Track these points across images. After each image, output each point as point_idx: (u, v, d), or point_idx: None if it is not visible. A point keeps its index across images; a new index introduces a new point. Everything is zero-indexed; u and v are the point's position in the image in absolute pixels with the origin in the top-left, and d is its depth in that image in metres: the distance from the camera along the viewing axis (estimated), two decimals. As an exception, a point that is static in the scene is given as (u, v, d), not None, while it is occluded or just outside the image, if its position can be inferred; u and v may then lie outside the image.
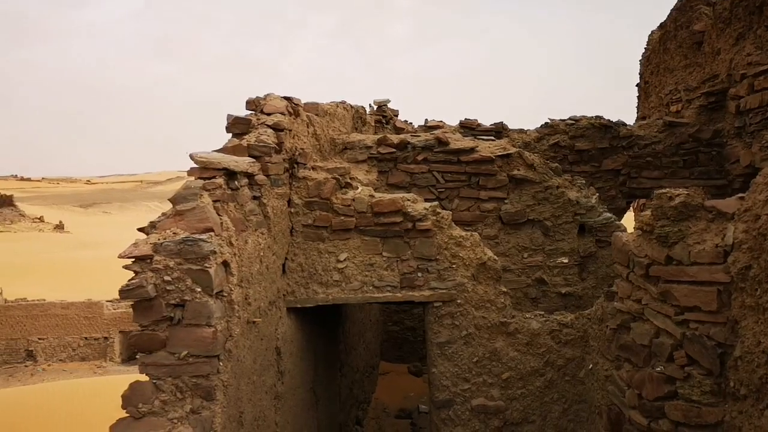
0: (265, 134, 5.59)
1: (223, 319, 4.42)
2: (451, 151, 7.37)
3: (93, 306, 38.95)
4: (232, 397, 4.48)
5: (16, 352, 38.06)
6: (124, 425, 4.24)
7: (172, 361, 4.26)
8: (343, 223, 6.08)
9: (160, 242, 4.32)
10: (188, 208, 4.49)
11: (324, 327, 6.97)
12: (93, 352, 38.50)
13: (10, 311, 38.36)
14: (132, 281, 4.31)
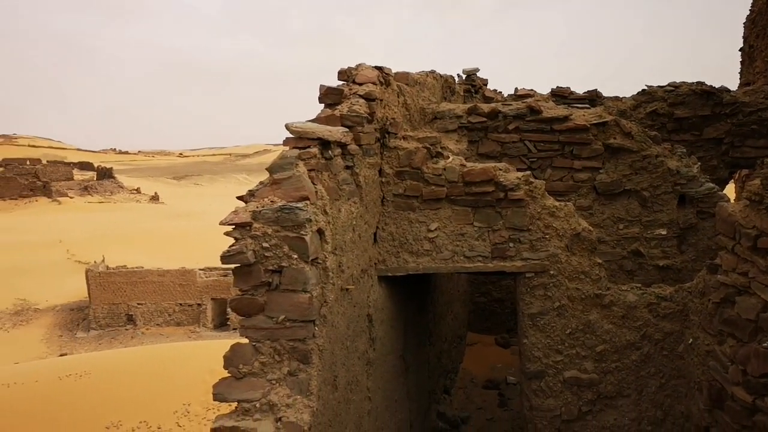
0: (357, 104, 5.61)
1: (318, 286, 4.52)
2: (544, 119, 7.20)
3: (187, 274, 40.71)
4: (327, 361, 4.59)
5: (117, 316, 40.34)
6: (226, 384, 4.42)
7: (270, 324, 4.39)
8: (434, 193, 6.06)
9: (259, 210, 4.44)
10: (285, 177, 4.59)
11: (413, 296, 7.01)
12: (187, 317, 40.34)
13: (111, 278, 40.62)
14: (233, 247, 4.46)
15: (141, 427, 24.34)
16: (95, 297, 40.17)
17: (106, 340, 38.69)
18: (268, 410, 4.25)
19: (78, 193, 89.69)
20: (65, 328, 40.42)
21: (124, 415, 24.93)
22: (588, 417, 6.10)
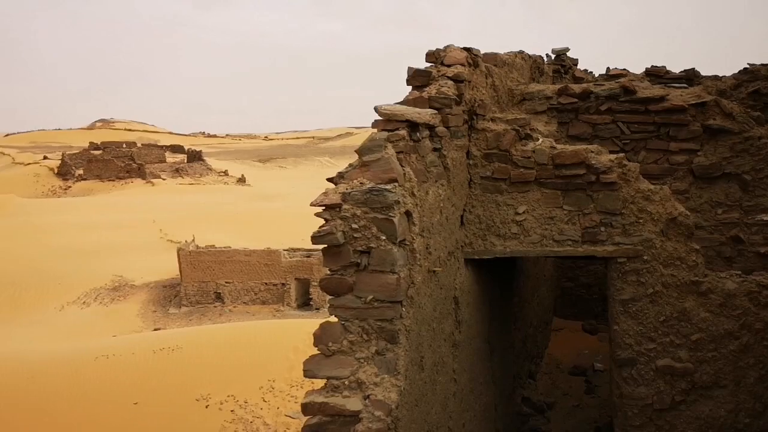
0: (446, 86, 5.58)
1: (406, 267, 4.55)
2: (638, 100, 6.95)
3: (272, 254, 41.82)
4: (413, 341, 4.62)
5: (206, 293, 41.92)
6: (316, 361, 4.53)
7: (358, 304, 4.46)
8: (523, 175, 5.97)
9: (348, 192, 4.50)
10: (374, 159, 4.63)
11: (499, 280, 6.96)
12: (272, 296, 41.49)
13: (201, 257, 42.20)
14: (323, 228, 4.54)
15: (228, 401, 25.33)
16: (186, 275, 41.85)
17: (196, 316, 40.30)
18: (356, 388, 4.33)
19: (170, 175, 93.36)
20: (158, 304, 42.32)
21: (212, 389, 26.00)
22: (681, 407, 5.91)
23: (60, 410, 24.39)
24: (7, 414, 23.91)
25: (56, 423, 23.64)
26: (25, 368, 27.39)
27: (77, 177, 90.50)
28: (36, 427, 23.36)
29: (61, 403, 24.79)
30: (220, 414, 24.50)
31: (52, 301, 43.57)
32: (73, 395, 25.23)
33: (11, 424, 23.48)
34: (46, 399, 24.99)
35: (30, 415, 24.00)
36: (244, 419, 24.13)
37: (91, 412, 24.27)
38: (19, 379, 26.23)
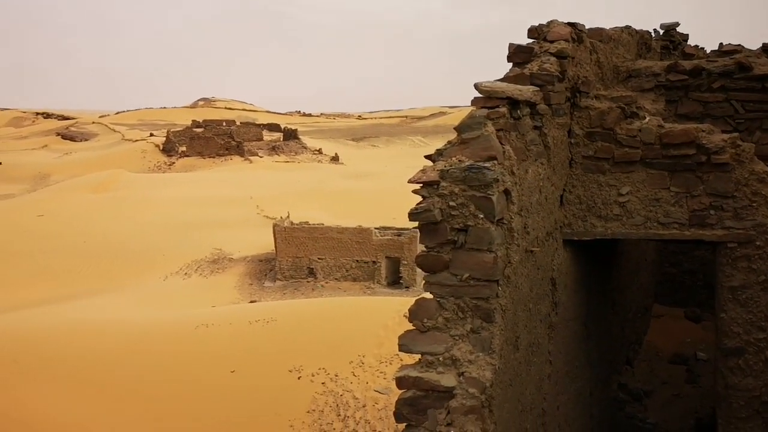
0: (548, 62, 5.45)
1: (503, 246, 4.51)
2: (755, 77, 6.55)
3: (363, 232, 42.39)
4: (509, 321, 4.59)
5: (300, 269, 43.03)
6: (411, 336, 4.57)
7: (454, 282, 4.46)
8: (627, 155, 5.77)
9: (447, 169, 4.49)
10: (473, 137, 4.59)
11: (598, 262, 6.78)
12: (363, 273, 42.13)
13: (295, 233, 43.31)
14: (420, 205, 4.56)
15: (320, 374, 26.01)
16: (281, 250, 43.08)
17: (289, 290, 41.45)
18: (451, 364, 4.35)
19: (267, 153, 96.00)
20: (254, 278, 43.80)
21: (304, 361, 26.75)
22: (791, 401, 5.61)
23: (163, 374, 25.77)
24: (115, 374, 25.50)
25: (160, 385, 25.01)
26: (132, 333, 29.07)
27: (180, 154, 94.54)
28: (141, 388, 24.80)
29: (165, 367, 26.18)
30: (312, 386, 25.20)
31: (156, 271, 45.90)
32: (175, 360, 26.59)
33: (119, 384, 25.01)
34: (151, 362, 26.45)
35: (136, 377, 25.51)
36: (334, 392, 24.73)
37: (192, 377, 25.51)
38: (127, 343, 27.88)
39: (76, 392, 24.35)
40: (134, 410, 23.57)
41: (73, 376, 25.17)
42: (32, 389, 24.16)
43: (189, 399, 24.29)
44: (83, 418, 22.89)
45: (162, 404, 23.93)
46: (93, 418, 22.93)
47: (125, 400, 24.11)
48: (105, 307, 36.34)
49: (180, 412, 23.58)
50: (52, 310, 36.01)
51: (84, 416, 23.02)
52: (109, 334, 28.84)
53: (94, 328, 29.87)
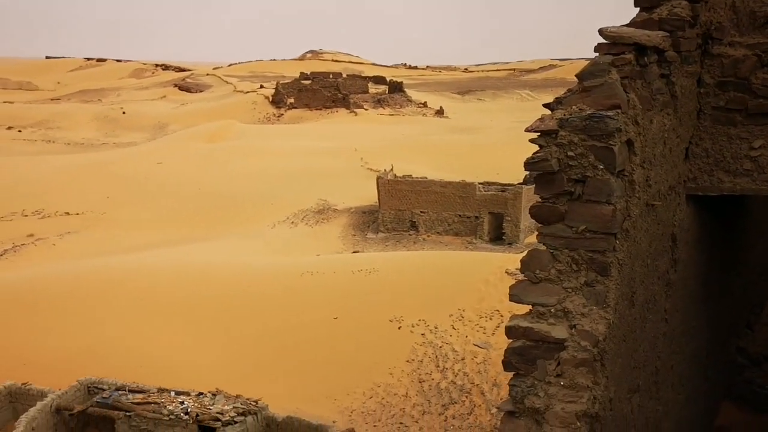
0: (679, 6, 5.13)
1: (623, 199, 4.37)
2: None
3: (467, 187, 42.12)
4: (625, 276, 4.47)
5: (402, 221, 43.43)
6: (522, 287, 4.54)
7: (569, 234, 4.37)
8: (762, 107, 5.38)
9: (566, 118, 4.36)
10: (595, 85, 4.43)
11: (722, 220, 6.45)
12: (465, 228, 42.01)
13: (399, 186, 43.61)
14: (537, 154, 4.47)
15: (419, 325, 26.40)
16: (384, 202, 43.56)
17: (391, 242, 42.00)
18: (562, 316, 4.30)
19: (372, 106, 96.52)
20: (358, 229, 44.65)
21: (405, 312, 27.20)
22: None
23: (270, 317, 26.96)
24: (225, 316, 26.89)
25: (267, 327, 26.20)
26: (242, 278, 30.48)
27: (288, 105, 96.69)
28: (249, 330, 26.07)
29: (271, 310, 27.36)
30: (411, 336, 25.65)
31: (264, 218, 47.63)
32: (281, 305, 27.72)
33: (229, 325, 26.37)
34: (259, 306, 27.70)
35: (245, 319, 26.82)
36: (433, 343, 25.07)
37: (297, 321, 26.56)
38: (237, 287, 29.29)
39: (191, 331, 25.91)
40: (242, 351, 24.85)
41: (187, 316, 26.77)
42: (152, 326, 25.91)
43: (293, 342, 25.34)
44: (197, 356, 24.36)
45: (268, 346, 25.09)
46: (205, 356, 24.36)
47: (235, 341, 25.43)
48: (216, 252, 38.18)
49: (285, 354, 24.67)
50: (168, 252, 38.23)
51: (198, 354, 24.49)
52: (220, 278, 30.34)
53: (206, 271, 31.49)
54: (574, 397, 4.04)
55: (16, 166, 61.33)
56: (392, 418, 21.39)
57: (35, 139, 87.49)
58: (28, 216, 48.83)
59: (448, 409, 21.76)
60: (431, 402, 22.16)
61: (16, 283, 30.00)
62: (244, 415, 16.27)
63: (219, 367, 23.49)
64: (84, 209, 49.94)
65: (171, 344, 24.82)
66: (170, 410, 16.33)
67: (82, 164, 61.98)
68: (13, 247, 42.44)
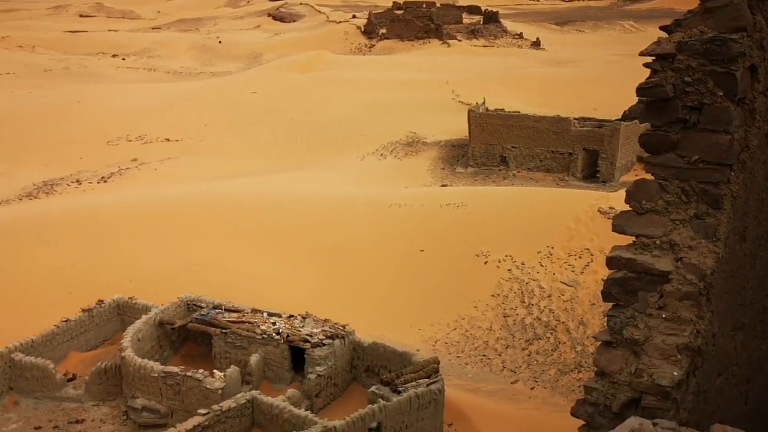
0: None
1: (742, 128, 4.13)
2: None
3: (562, 122, 40.83)
4: (738, 209, 4.26)
5: (492, 156, 42.78)
6: (626, 218, 4.42)
7: (680, 164, 4.19)
8: None
9: (685, 41, 4.11)
10: (719, 5, 4.13)
11: None
12: (557, 165, 40.97)
13: (490, 119, 42.78)
14: (651, 80, 4.26)
15: (506, 260, 26.30)
16: (474, 136, 42.95)
17: (480, 177, 41.58)
18: (668, 249, 4.17)
19: (465, 37, 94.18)
20: (446, 162, 44.38)
21: (491, 247, 27.13)
22: None
23: (358, 246, 27.51)
24: (315, 243, 27.63)
25: (354, 256, 26.78)
26: (332, 207, 31.09)
27: (380, 36, 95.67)
28: (338, 258, 26.73)
29: (359, 240, 27.89)
30: (497, 271, 25.63)
31: (354, 150, 48.01)
32: (370, 235, 28.19)
33: (317, 251, 27.09)
34: (347, 235, 28.28)
35: (333, 247, 27.48)
36: (519, 279, 24.98)
37: (384, 252, 27.00)
38: (327, 216, 29.94)
39: (283, 257, 26.82)
40: (331, 279, 25.56)
41: (279, 243, 27.68)
42: (247, 250, 26.98)
43: (380, 272, 25.84)
44: (289, 281, 25.26)
45: (355, 275, 25.70)
46: (296, 281, 25.23)
47: (324, 268, 26.17)
48: (306, 182, 38.95)
49: (371, 283, 25.24)
50: (261, 180, 39.32)
51: (289, 279, 25.39)
52: (310, 207, 31.05)
53: (297, 200, 32.27)
54: (676, 330, 3.96)
55: (121, 93, 63.99)
56: (475, 350, 21.69)
57: (137, 67, 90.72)
58: (132, 141, 51.17)
59: (531, 345, 21.83)
60: (515, 336, 22.27)
61: (123, 205, 31.77)
62: (332, 338, 16.85)
63: (309, 292, 24.32)
64: (183, 136, 51.82)
65: (264, 268, 25.83)
66: (263, 330, 17.10)
67: (181, 93, 63.97)
68: (119, 171, 44.76)
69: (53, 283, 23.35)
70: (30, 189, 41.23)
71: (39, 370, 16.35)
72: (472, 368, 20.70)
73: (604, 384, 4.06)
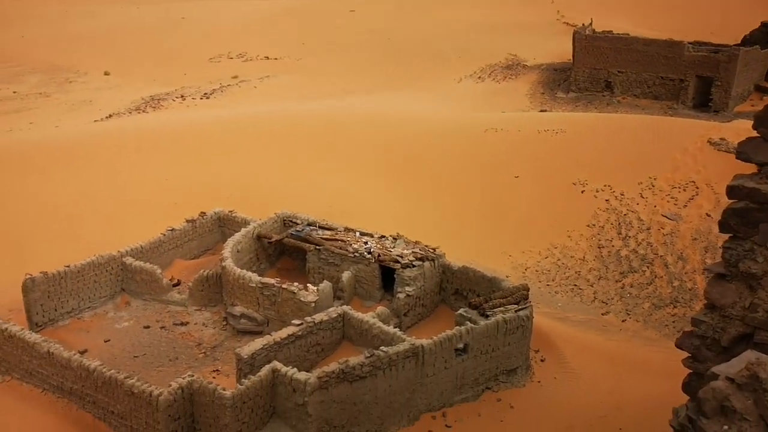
0: None
1: None
2: None
3: (674, 46, 38.32)
4: None
5: (596, 81, 40.90)
6: (753, 145, 4.10)
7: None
8: None
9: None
10: None
11: None
12: (666, 92, 38.76)
13: (596, 42, 40.67)
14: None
15: (605, 190, 25.43)
16: (578, 60, 41.07)
17: (582, 103, 39.97)
18: (797, 179, 3.85)
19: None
20: (547, 87, 42.83)
21: (589, 176, 26.24)
22: None
23: (451, 170, 27.24)
24: (409, 165, 27.57)
25: (447, 180, 26.59)
26: (427, 130, 30.78)
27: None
28: (431, 180, 26.62)
29: (453, 165, 27.59)
30: (595, 201, 24.86)
31: (451, 72, 47.06)
32: (465, 160, 27.83)
33: (411, 173, 27.06)
34: (441, 158, 28.03)
35: (428, 170, 27.36)
36: (617, 210, 24.17)
37: (478, 176, 26.63)
38: (421, 139, 29.70)
39: (377, 178, 26.98)
40: (423, 201, 25.54)
41: (373, 163, 27.80)
42: (342, 169, 27.30)
43: (472, 197, 25.57)
44: (382, 202, 25.48)
45: (448, 198, 25.55)
46: (389, 203, 25.41)
47: (417, 191, 26.15)
48: (402, 103, 38.68)
49: (463, 207, 25.04)
50: (357, 101, 39.35)
51: (382, 199, 25.59)
52: (405, 129, 30.87)
53: (392, 122, 32.14)
54: (799, 267, 3.69)
55: (224, 10, 64.83)
56: (566, 280, 21.38)
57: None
58: (233, 59, 52.13)
59: (626, 277, 21.30)
60: (609, 268, 21.76)
61: (224, 121, 32.68)
62: (422, 260, 16.99)
63: (401, 214, 24.49)
64: (282, 55, 52.27)
65: (358, 188, 26.13)
66: (355, 249, 17.44)
67: (280, 11, 64.13)
68: (220, 87, 45.86)
69: (160, 194, 24.57)
70: (138, 103, 43.03)
71: (147, 274, 17.42)
72: (561, 297, 20.49)
73: (713, 317, 3.87)
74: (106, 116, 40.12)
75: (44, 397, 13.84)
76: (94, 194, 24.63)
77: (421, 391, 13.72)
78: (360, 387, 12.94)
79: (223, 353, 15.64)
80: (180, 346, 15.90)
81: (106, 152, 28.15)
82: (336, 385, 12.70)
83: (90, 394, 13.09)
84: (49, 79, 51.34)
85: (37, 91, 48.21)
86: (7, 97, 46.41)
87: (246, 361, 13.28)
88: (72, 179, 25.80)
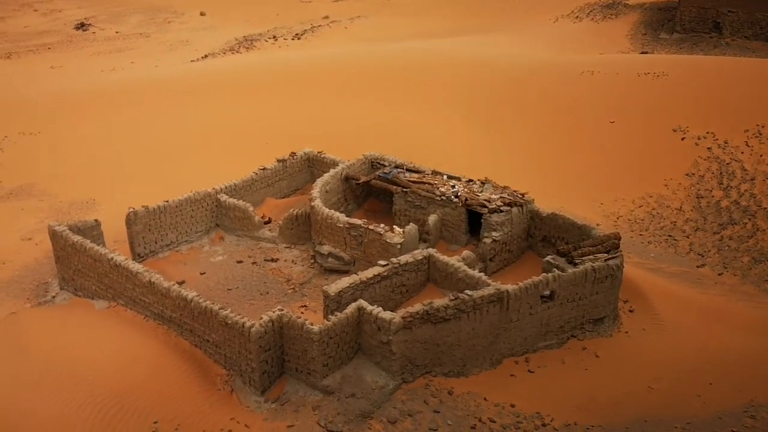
0: None
1: None
2: None
3: (795, -18, 35.29)
4: None
5: (704, 21, 38.35)
6: None
7: None
8: None
9: None
10: None
11: None
12: (782, 34, 35.94)
13: (706, -22, 37.99)
14: None
15: (707, 138, 24.08)
16: (685, -2, 38.57)
17: (687, 45, 37.71)
18: None
19: None
20: (650, 27, 40.55)
21: (691, 123, 24.89)
22: None
23: (545, 114, 26.46)
24: (500, 108, 26.98)
25: (540, 124, 25.90)
26: (521, 72, 29.89)
27: None
28: (522, 124, 26.01)
29: (547, 108, 26.75)
30: (695, 149, 23.66)
31: (547, 12, 45.25)
32: (559, 103, 26.96)
33: (502, 117, 26.50)
34: (534, 101, 27.26)
35: (519, 113, 26.71)
36: (720, 159, 22.95)
37: (573, 122, 25.76)
38: (515, 80, 28.89)
39: (466, 121, 26.61)
40: (513, 145, 25.02)
41: (463, 106, 27.36)
42: (430, 111, 27.05)
43: (565, 142, 24.83)
44: (471, 145, 25.19)
45: (539, 143, 24.93)
46: (478, 146, 25.08)
47: (507, 135, 25.61)
48: (494, 45, 37.63)
49: (556, 153, 24.34)
50: (447, 42, 38.54)
51: (471, 143, 25.29)
52: (498, 71, 30.09)
53: (483, 63, 31.36)
54: None
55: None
56: (661, 230, 20.65)
57: None
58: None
59: (725, 229, 20.34)
60: (707, 219, 20.83)
61: (315, 62, 32.85)
62: (510, 205, 16.78)
63: (490, 158, 24.16)
64: (373, -6, 51.65)
65: (447, 131, 25.89)
66: (442, 192, 17.39)
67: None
68: (311, 28, 45.95)
69: (253, 133, 25.18)
70: (232, 44, 43.76)
71: (240, 211, 18.04)
72: (655, 248, 19.84)
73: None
74: (202, 56, 41.09)
75: (146, 323, 14.73)
76: (190, 132, 25.53)
77: (505, 336, 13.76)
78: (443, 329, 13.10)
79: (311, 290, 16.13)
80: (270, 281, 16.50)
81: (202, 92, 28.97)
82: (420, 326, 12.90)
83: (187, 323, 13.84)
84: (149, 20, 52.90)
85: (138, 31, 49.82)
86: (111, 37, 48.24)
87: (333, 299, 13.66)
88: (170, 118, 26.80)
